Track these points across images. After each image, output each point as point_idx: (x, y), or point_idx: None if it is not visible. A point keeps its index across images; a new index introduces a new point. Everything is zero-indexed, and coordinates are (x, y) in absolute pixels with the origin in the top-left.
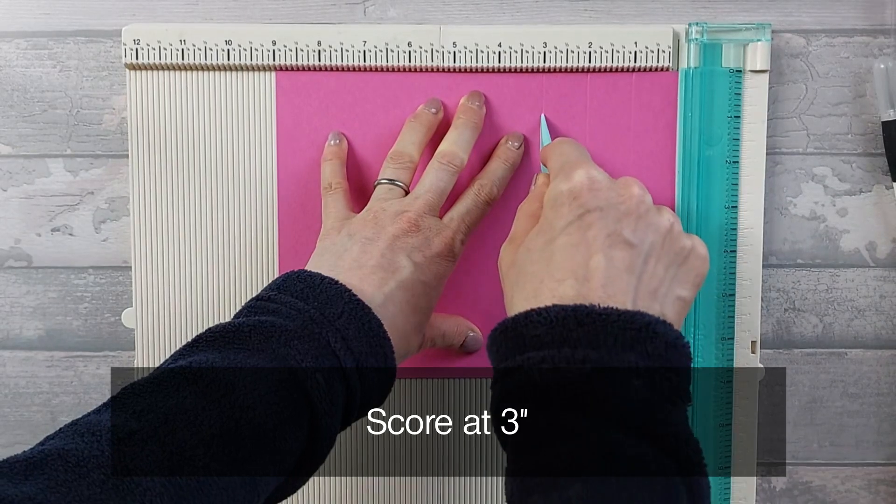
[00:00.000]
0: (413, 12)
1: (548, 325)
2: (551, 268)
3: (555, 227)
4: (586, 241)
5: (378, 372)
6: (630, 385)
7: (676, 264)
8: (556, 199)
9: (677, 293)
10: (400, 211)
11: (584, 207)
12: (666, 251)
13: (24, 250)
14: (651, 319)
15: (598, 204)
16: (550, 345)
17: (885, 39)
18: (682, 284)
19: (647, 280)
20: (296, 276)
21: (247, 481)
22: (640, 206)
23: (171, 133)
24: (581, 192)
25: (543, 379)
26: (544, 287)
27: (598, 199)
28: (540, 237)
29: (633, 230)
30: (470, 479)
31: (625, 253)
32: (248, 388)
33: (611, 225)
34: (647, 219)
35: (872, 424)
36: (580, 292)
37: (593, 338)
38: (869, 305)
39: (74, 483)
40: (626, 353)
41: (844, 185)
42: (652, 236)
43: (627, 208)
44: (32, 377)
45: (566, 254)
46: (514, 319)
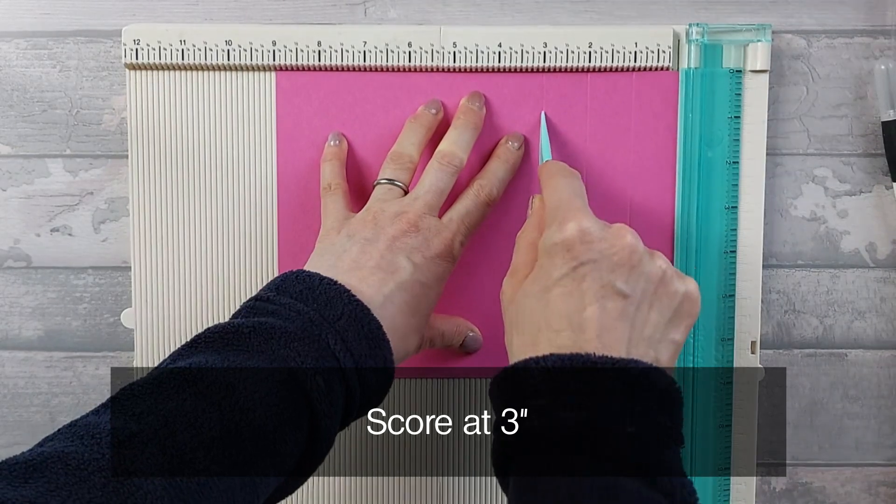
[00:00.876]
0: (413, 13)
1: (546, 375)
2: (548, 317)
3: (550, 276)
4: (581, 293)
5: (377, 373)
6: (625, 431)
7: (670, 309)
8: (550, 250)
9: (671, 337)
10: (399, 211)
11: (577, 260)
12: (659, 298)
13: (23, 250)
14: (645, 368)
15: (592, 256)
16: (548, 393)
17: (886, 40)
18: (675, 328)
19: (640, 327)
20: (294, 277)
21: (247, 482)
22: (632, 256)
23: (171, 133)
24: (574, 244)
25: (541, 425)
26: (542, 336)
27: (591, 251)
28: (536, 284)
29: (626, 280)
30: (470, 479)
31: (618, 303)
32: (249, 390)
33: (604, 276)
34: (640, 268)
35: (872, 426)
36: (576, 342)
37: (589, 386)
38: (869, 307)
39: (75, 486)
40: (619, 399)
41: (845, 186)
42: (644, 285)
43: (620, 259)
44: (31, 377)
45: (562, 305)
46: (514, 368)
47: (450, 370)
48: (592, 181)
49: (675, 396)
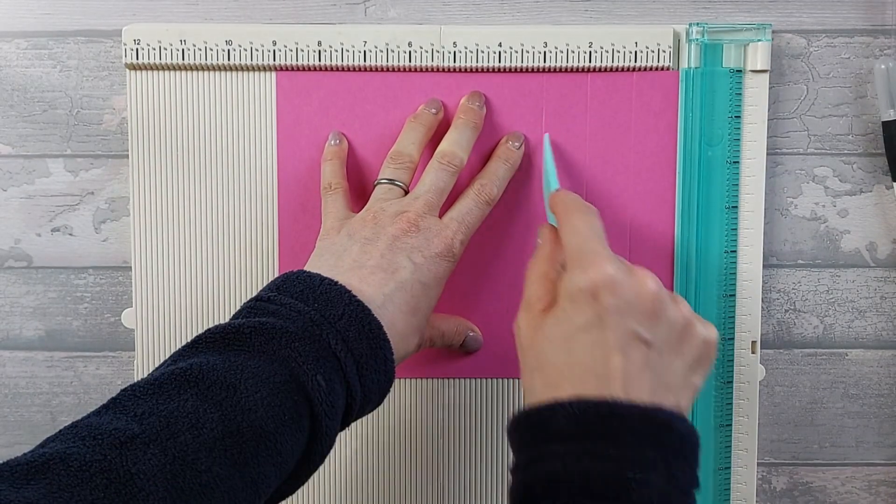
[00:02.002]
0: (413, 12)
1: (571, 419)
2: (572, 363)
3: (574, 322)
4: (605, 341)
5: (378, 373)
6: (649, 479)
7: (691, 356)
8: (574, 295)
9: (691, 382)
10: (400, 211)
11: (602, 307)
12: (681, 345)
13: (24, 250)
14: (669, 415)
15: (617, 304)
16: (574, 438)
17: (886, 40)
18: (695, 373)
19: (663, 374)
20: (295, 277)
21: (248, 483)
22: (655, 304)
23: (171, 133)
24: (598, 291)
25: (567, 472)
26: (565, 380)
27: (616, 299)
28: (559, 328)
29: (650, 328)
30: (470, 479)
31: (642, 351)
32: (250, 391)
33: (628, 324)
34: (664, 315)
35: (873, 425)
36: (600, 390)
37: (615, 432)
38: (869, 306)
39: (77, 488)
40: (645, 448)
41: (845, 185)
42: (667, 332)
43: (643, 308)
44: (32, 377)
45: (586, 354)
46: (539, 410)
47: (450, 370)
48: (592, 181)
49: (695, 442)
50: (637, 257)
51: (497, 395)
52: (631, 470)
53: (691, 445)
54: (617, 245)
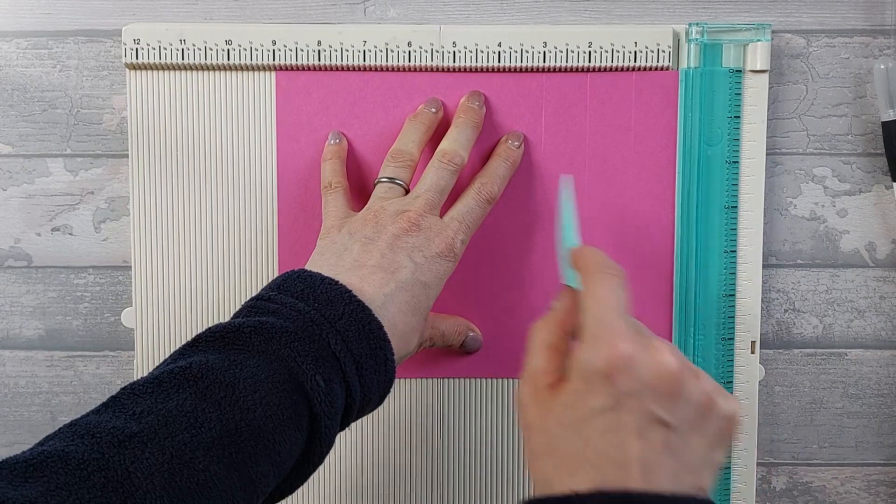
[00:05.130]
0: (413, 12)
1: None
2: (588, 450)
3: (589, 405)
4: (622, 426)
5: (378, 373)
6: None
7: (713, 434)
8: (588, 376)
9: (713, 459)
10: (400, 210)
11: (619, 390)
12: (703, 423)
13: (23, 250)
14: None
15: (634, 387)
16: None
17: (886, 40)
18: (716, 450)
19: (683, 455)
20: (296, 276)
21: (246, 483)
22: (674, 384)
23: (171, 133)
24: (615, 373)
25: None
26: (582, 470)
27: (633, 381)
28: (573, 412)
29: (670, 410)
30: (470, 479)
31: (661, 434)
32: (249, 390)
33: (647, 407)
34: (684, 394)
35: (872, 425)
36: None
37: None
38: (869, 306)
39: (75, 486)
40: None
41: (844, 185)
42: (688, 411)
43: (663, 389)
44: (32, 377)
45: (603, 439)
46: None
47: (450, 370)
48: (592, 181)
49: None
50: (637, 257)
51: (497, 395)
52: None
53: None
54: (617, 245)
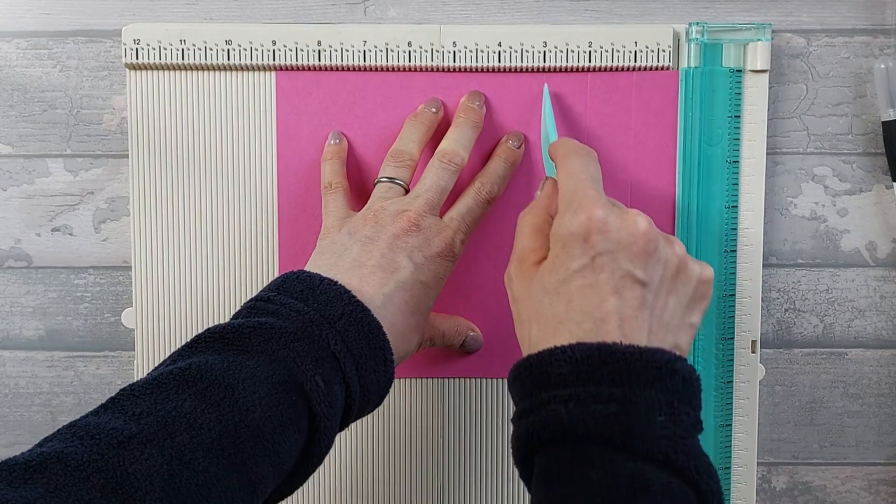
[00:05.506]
0: (413, 12)
1: (572, 364)
2: (569, 309)
3: (568, 267)
4: (599, 284)
5: (377, 373)
6: (654, 421)
7: (686, 295)
8: (566, 240)
9: (688, 321)
10: (400, 210)
11: (594, 250)
12: (676, 284)
13: (24, 250)
14: (670, 357)
15: (609, 247)
16: (575, 382)
17: (886, 39)
18: (692, 312)
19: (659, 314)
20: (295, 277)
21: (245, 484)
22: (648, 245)
23: (171, 133)
24: (590, 234)
25: (570, 416)
26: (563, 327)
27: (608, 241)
28: (553, 276)
29: (644, 269)
30: (470, 479)
31: (637, 292)
32: (248, 391)
33: (622, 266)
34: (657, 255)
35: (873, 424)
36: (598, 333)
37: (617, 375)
38: (869, 305)
39: (74, 487)
40: (647, 390)
41: (845, 185)
42: (662, 271)
43: (637, 249)
44: (32, 377)
45: (582, 296)
46: (539, 356)
47: (450, 370)
48: None
49: (696, 384)
50: None
51: (497, 395)
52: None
53: (693, 387)
54: None
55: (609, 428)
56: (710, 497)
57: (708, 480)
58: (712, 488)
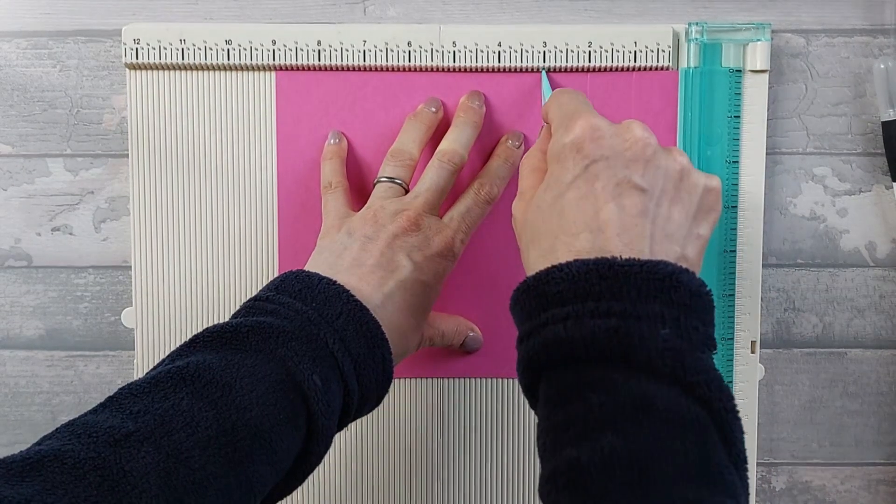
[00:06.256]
0: (413, 12)
1: (570, 281)
2: (564, 222)
3: (562, 181)
4: (595, 193)
5: (376, 373)
6: (658, 334)
7: (692, 204)
8: (559, 153)
9: (696, 232)
10: (400, 209)
11: (588, 158)
12: (679, 192)
13: (24, 250)
14: (674, 269)
15: (603, 153)
16: (574, 300)
17: (885, 39)
18: (699, 223)
19: (662, 223)
20: (294, 276)
21: (243, 482)
22: (646, 150)
23: (171, 133)
24: (583, 142)
25: (569, 333)
26: (559, 243)
27: (602, 147)
28: (548, 192)
29: (642, 174)
30: (469, 478)
31: (636, 199)
32: (246, 390)
33: (619, 172)
34: (656, 161)
35: (872, 424)
36: (596, 244)
37: (617, 290)
38: (869, 305)
39: (71, 485)
40: (650, 303)
41: (844, 184)
42: (663, 179)
43: (633, 154)
44: (32, 377)
45: (577, 207)
46: (536, 278)
47: (449, 370)
48: None
49: (706, 299)
50: None
51: (497, 395)
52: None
53: (703, 302)
54: None
55: (609, 343)
56: (724, 414)
57: (720, 396)
58: (726, 405)
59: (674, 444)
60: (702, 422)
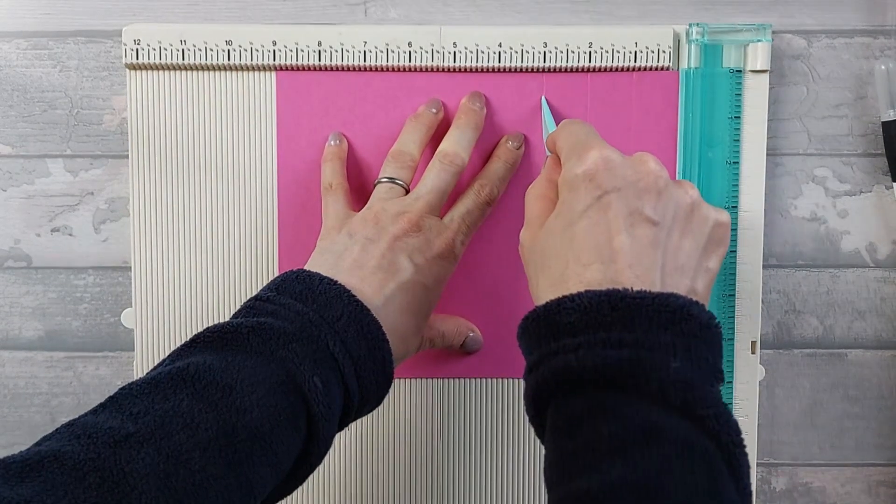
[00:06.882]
0: (414, 13)
1: (581, 312)
2: (575, 251)
3: (574, 210)
4: (607, 222)
5: (376, 374)
6: (668, 366)
7: (703, 236)
8: (571, 183)
9: (705, 265)
10: (401, 211)
11: (601, 188)
12: (690, 225)
13: (23, 250)
14: (685, 301)
15: (616, 184)
16: (585, 330)
17: (886, 40)
18: (708, 256)
19: (672, 255)
20: (294, 277)
21: (243, 484)
22: (658, 182)
23: (171, 133)
24: (596, 172)
25: (581, 363)
26: (570, 272)
27: (615, 178)
28: (560, 220)
29: (654, 206)
30: (469, 479)
31: (647, 230)
32: (246, 391)
33: (631, 203)
34: (667, 193)
35: (873, 426)
36: (607, 275)
37: (628, 321)
38: (869, 307)
39: (70, 486)
40: (662, 334)
41: (845, 186)
42: (674, 210)
43: (646, 185)
44: (32, 378)
45: (588, 236)
46: (546, 307)
47: (449, 370)
48: None
49: (715, 331)
50: None
51: (497, 395)
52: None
53: (712, 334)
54: None
55: (620, 372)
56: (732, 448)
57: (729, 430)
58: (734, 439)
59: (683, 476)
60: (711, 454)
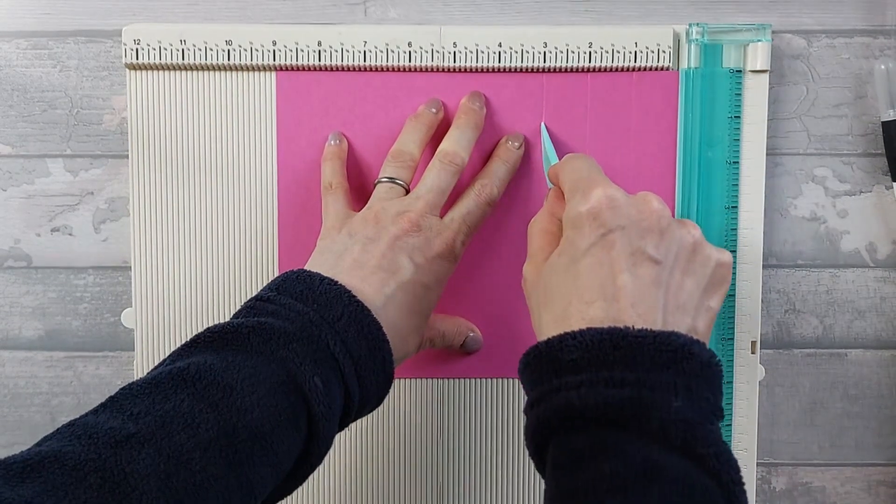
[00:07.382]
0: (413, 13)
1: (583, 349)
2: (578, 289)
3: (578, 247)
4: (610, 261)
5: (376, 374)
6: (669, 405)
7: (704, 276)
8: (575, 220)
9: (707, 305)
10: (401, 211)
11: (605, 227)
12: (692, 264)
13: (23, 250)
14: (686, 340)
15: (619, 223)
16: (588, 368)
17: (886, 40)
18: (710, 296)
19: (674, 294)
20: (295, 277)
21: (243, 484)
22: (661, 221)
23: (171, 133)
24: (600, 211)
25: (583, 401)
26: (573, 309)
27: (619, 217)
28: (563, 257)
29: (657, 246)
30: (470, 479)
31: (650, 269)
32: (246, 391)
33: (634, 242)
34: (670, 233)
35: (873, 426)
36: (609, 313)
37: (630, 359)
38: (869, 306)
39: (71, 486)
40: (663, 373)
41: (844, 185)
42: (676, 250)
43: (649, 224)
44: (32, 377)
45: (592, 274)
46: (548, 344)
47: (450, 370)
48: None
49: (716, 369)
50: None
51: (497, 395)
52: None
53: (713, 372)
54: None
55: (622, 411)
56: (732, 486)
57: (729, 470)
58: (734, 478)
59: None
60: (711, 492)
